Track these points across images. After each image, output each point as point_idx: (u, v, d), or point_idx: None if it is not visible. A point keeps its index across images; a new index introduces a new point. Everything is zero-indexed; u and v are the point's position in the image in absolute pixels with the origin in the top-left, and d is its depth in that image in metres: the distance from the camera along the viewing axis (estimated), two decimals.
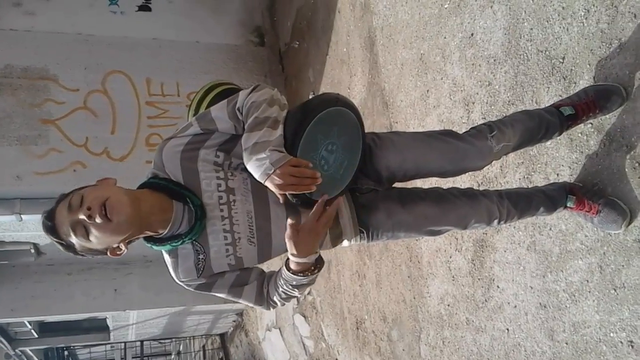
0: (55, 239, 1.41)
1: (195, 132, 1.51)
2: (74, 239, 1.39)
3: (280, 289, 1.56)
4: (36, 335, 8.22)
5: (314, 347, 5.46)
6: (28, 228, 5.58)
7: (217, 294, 1.62)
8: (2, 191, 4.53)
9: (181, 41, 5.43)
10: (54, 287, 6.60)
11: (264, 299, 1.64)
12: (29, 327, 7.84)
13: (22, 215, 4.58)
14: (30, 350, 9.17)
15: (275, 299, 1.61)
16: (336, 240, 1.68)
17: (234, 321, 8.94)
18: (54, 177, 4.59)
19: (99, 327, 8.57)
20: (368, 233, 1.71)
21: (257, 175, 1.38)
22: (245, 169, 1.46)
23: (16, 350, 8.49)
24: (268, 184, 1.36)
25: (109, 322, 8.25)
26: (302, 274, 1.47)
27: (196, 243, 1.52)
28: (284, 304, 1.67)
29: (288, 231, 1.37)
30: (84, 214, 1.35)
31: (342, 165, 1.59)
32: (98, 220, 1.35)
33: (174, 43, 5.40)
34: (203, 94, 1.85)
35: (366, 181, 1.71)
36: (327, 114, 1.48)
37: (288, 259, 1.47)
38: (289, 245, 1.40)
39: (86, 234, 1.38)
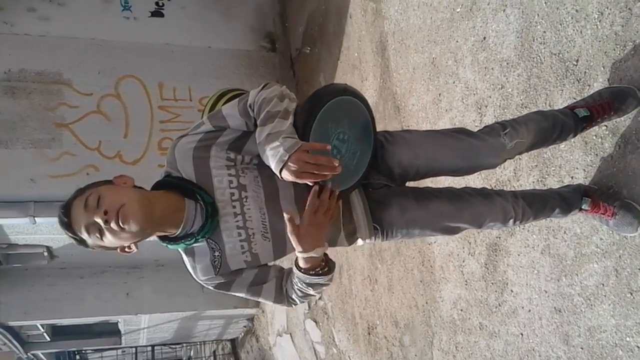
0: (69, 234, 1.43)
1: (207, 130, 1.51)
2: (86, 237, 1.41)
3: (296, 287, 1.56)
4: (48, 339, 8.26)
5: (325, 352, 5.44)
6: (41, 231, 5.62)
7: (236, 294, 1.62)
8: (16, 194, 4.57)
9: (193, 46, 5.47)
10: (66, 291, 6.63)
11: (283, 297, 1.64)
12: (42, 330, 7.88)
13: (35, 218, 4.61)
14: (42, 353, 9.21)
15: (293, 297, 1.61)
16: (351, 237, 1.68)
17: (245, 326, 8.93)
18: (67, 180, 4.63)
19: (111, 331, 8.60)
20: (382, 230, 1.71)
21: (273, 165, 1.36)
22: (257, 166, 1.47)
23: (28, 354, 8.53)
24: (285, 173, 1.34)
25: (121, 326, 8.27)
26: (312, 272, 1.47)
27: (211, 240, 1.53)
28: (304, 302, 1.68)
29: (288, 227, 1.37)
30: (100, 218, 1.36)
31: (355, 155, 1.59)
32: (114, 226, 1.37)
33: (187, 48, 5.43)
34: (215, 100, 1.87)
35: (378, 176, 1.71)
36: (336, 103, 1.48)
37: (296, 257, 1.47)
38: (293, 241, 1.40)
39: (100, 235, 1.40)
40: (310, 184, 1.38)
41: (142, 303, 6.90)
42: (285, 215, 1.37)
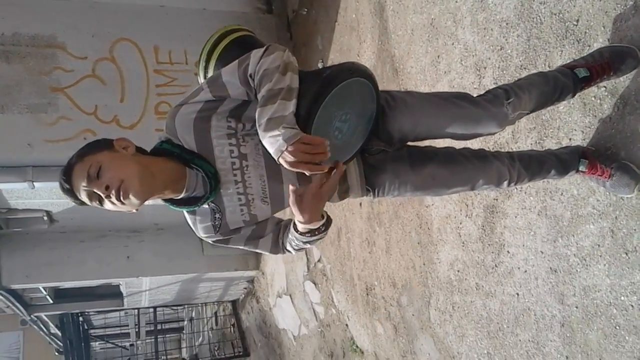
0: (71, 199, 1.46)
1: (207, 99, 1.50)
2: (87, 201, 1.45)
3: (293, 243, 1.60)
4: (51, 301, 8.35)
5: (324, 313, 5.53)
6: (40, 195, 5.63)
7: (234, 246, 1.69)
8: (14, 159, 4.56)
9: (188, 8, 5.38)
10: (67, 254, 6.68)
11: (279, 249, 1.71)
12: (44, 293, 7.96)
13: (34, 183, 4.61)
14: (46, 315, 9.34)
15: (289, 248, 1.67)
16: (343, 195, 1.74)
17: (245, 288, 9.03)
18: (64, 144, 4.61)
19: (113, 294, 8.69)
20: (374, 191, 1.77)
21: (271, 151, 1.38)
22: (257, 134, 1.47)
23: (32, 316, 8.65)
24: (281, 161, 1.36)
25: (122, 289, 8.36)
26: (309, 234, 1.51)
27: (212, 204, 1.58)
28: (298, 253, 1.75)
29: (291, 197, 1.38)
30: (101, 191, 1.39)
31: (356, 130, 1.61)
32: (114, 200, 1.40)
33: (182, 10, 5.34)
34: (213, 44, 1.78)
35: (377, 142, 1.72)
36: (341, 88, 1.47)
37: (295, 223, 1.51)
38: (294, 211, 1.41)
39: (100, 203, 1.44)
40: (307, 173, 1.38)
41: (143, 266, 6.97)
42: (290, 187, 1.38)
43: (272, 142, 1.35)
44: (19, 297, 7.66)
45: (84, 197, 1.42)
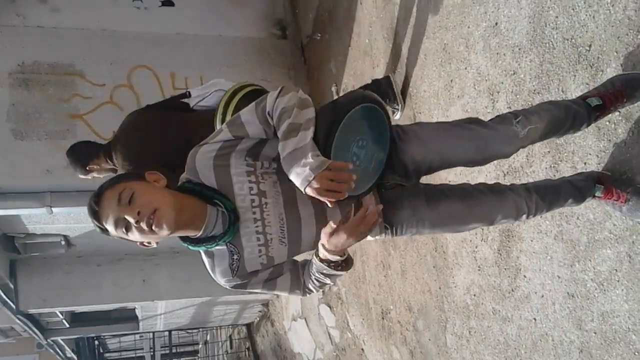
0: (95, 223, 1.48)
1: (226, 138, 1.54)
2: (112, 229, 1.46)
3: (314, 276, 1.61)
4: (67, 325, 8.40)
5: (339, 337, 5.50)
6: (58, 220, 5.70)
7: (253, 290, 1.69)
8: (33, 185, 4.63)
9: (204, 35, 5.46)
10: (84, 278, 6.73)
11: (300, 287, 1.70)
12: (61, 317, 8.01)
13: (52, 208, 4.67)
14: (62, 339, 9.37)
15: (310, 286, 1.68)
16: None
17: (260, 311, 9.02)
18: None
19: (128, 317, 8.73)
20: (392, 229, 1.75)
21: (298, 183, 1.42)
22: (275, 171, 1.51)
23: (48, 340, 8.69)
24: (309, 190, 1.40)
25: (138, 312, 8.39)
26: (332, 265, 1.52)
27: (230, 244, 1.58)
28: (319, 291, 1.73)
29: (327, 228, 1.41)
30: (132, 217, 1.41)
31: (373, 158, 1.63)
32: (144, 227, 1.42)
33: (197, 37, 5.43)
34: (229, 97, 1.89)
35: (393, 176, 1.73)
36: (355, 112, 1.52)
37: (318, 249, 1.51)
38: (323, 238, 1.43)
39: (126, 230, 1.45)
40: (329, 205, 1.44)
41: (159, 289, 6.99)
42: (331, 224, 1.40)
43: (299, 172, 1.39)
44: (35, 322, 7.71)
45: (110, 222, 1.44)
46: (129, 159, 3.05)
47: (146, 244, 1.55)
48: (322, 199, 1.41)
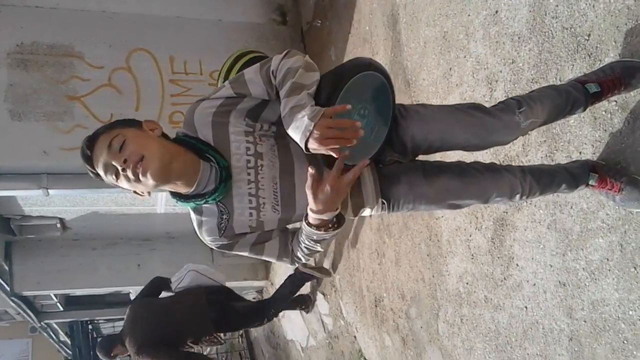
0: (88, 167, 1.49)
1: (228, 95, 1.53)
2: (102, 174, 1.47)
3: (303, 244, 1.59)
4: (61, 309, 8.41)
5: (332, 324, 5.52)
6: (54, 203, 5.70)
7: (239, 253, 1.66)
8: (30, 166, 4.62)
9: (204, 19, 5.44)
10: (79, 262, 6.74)
11: (288, 255, 1.68)
12: (55, 300, 8.02)
13: (48, 190, 4.67)
14: (56, 322, 9.39)
15: (299, 254, 1.65)
16: (357, 210, 1.71)
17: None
18: (79, 152, 4.66)
19: (122, 302, 8.74)
20: (389, 204, 1.74)
21: (299, 137, 1.35)
22: (274, 135, 1.49)
23: (42, 323, 8.70)
24: (310, 142, 1.33)
25: (132, 297, 8.40)
26: (323, 229, 1.48)
27: (220, 204, 1.56)
28: (308, 260, 1.71)
29: (308, 181, 1.36)
30: (119, 164, 1.41)
31: (374, 130, 1.61)
32: (130, 175, 1.41)
33: (197, 21, 5.41)
34: (232, 61, 1.86)
35: (390, 152, 1.73)
36: (360, 78, 1.49)
37: (307, 214, 1.47)
38: (309, 197, 1.39)
39: (115, 177, 1.45)
40: (335, 155, 1.34)
41: (154, 274, 6.97)
42: (310, 170, 1.35)
43: (298, 125, 1.34)
44: (29, 304, 7.72)
45: (100, 167, 1.45)
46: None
47: (139, 193, 1.54)
48: (327, 150, 1.32)
